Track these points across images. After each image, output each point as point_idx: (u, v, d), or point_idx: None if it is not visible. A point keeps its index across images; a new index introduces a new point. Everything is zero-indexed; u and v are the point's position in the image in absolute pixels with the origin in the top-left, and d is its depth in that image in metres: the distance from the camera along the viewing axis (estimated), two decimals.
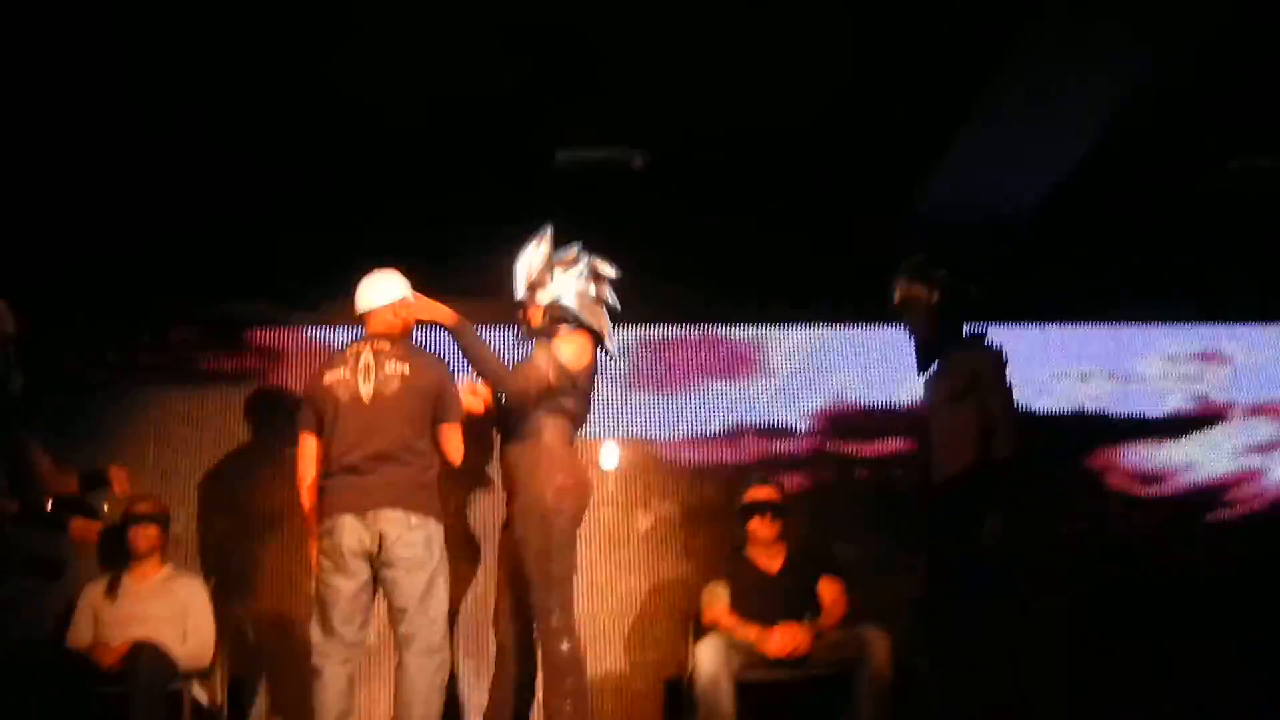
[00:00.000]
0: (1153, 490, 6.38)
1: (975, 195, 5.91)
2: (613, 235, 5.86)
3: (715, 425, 6.24)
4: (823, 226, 6.23)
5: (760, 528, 5.47)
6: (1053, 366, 6.43)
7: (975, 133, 5.47)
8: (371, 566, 4.45)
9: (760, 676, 5.06)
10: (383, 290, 4.79)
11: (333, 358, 4.76)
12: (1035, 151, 5.64)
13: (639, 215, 6.00)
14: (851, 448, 6.27)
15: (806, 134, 5.73)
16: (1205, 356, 6.57)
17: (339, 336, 5.81)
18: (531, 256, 4.96)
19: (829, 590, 5.36)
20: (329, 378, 4.62)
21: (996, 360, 4.96)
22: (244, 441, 6.03)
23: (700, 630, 5.33)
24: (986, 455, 4.79)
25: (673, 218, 6.10)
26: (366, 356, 4.62)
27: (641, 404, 6.22)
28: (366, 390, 4.55)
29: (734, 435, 6.22)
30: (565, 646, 4.61)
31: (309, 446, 4.63)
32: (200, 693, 5.19)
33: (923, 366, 5.17)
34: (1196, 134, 5.83)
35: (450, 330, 4.73)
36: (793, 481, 6.02)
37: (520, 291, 4.95)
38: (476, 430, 4.98)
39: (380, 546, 4.41)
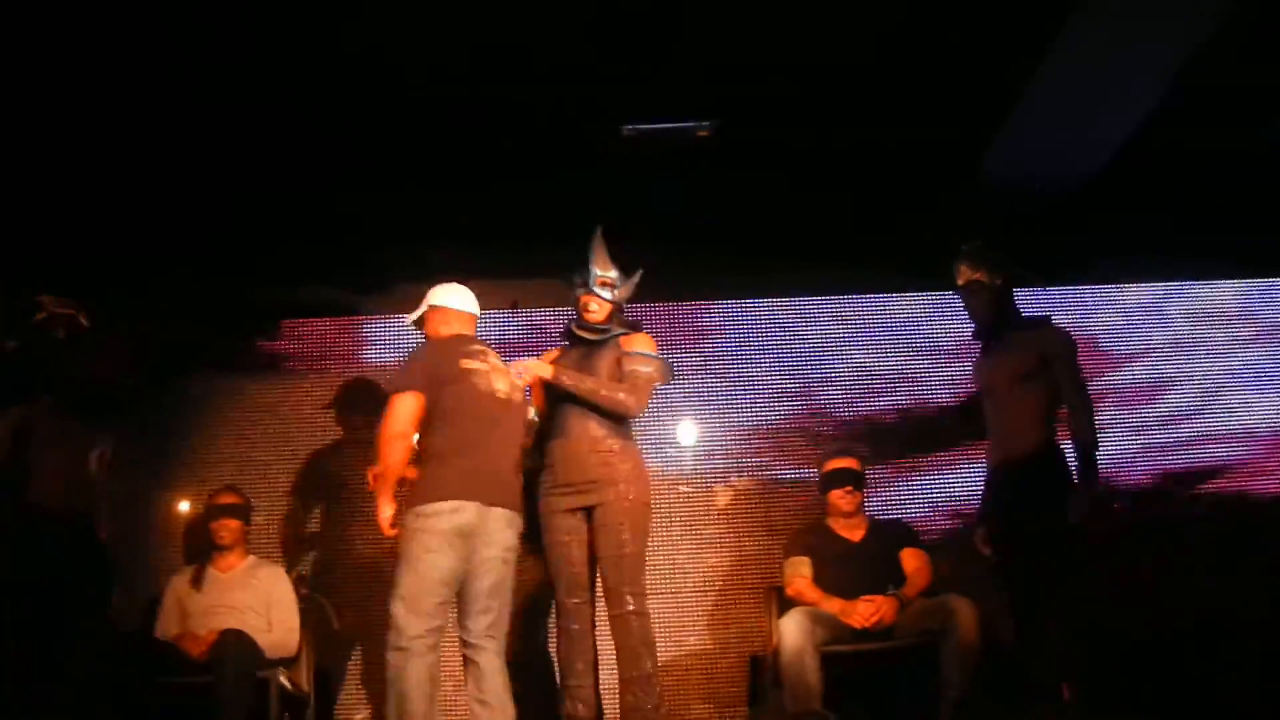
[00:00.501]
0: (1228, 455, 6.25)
1: (1041, 156, 5.81)
2: (679, 208, 5.86)
3: (793, 397, 6.17)
4: (890, 195, 6.14)
5: (841, 499, 5.40)
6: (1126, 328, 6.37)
7: (1041, 91, 5.37)
8: (465, 556, 4.46)
9: (845, 648, 4.99)
10: (476, 302, 4.94)
11: (464, 346, 4.73)
12: (1099, 111, 5.55)
13: (704, 186, 5.96)
14: (932, 416, 6.18)
15: (871, 97, 5.64)
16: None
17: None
18: (603, 251, 5.10)
19: (912, 560, 5.29)
20: (466, 364, 4.62)
21: (1070, 343, 4.94)
22: (324, 431, 6.07)
23: (784, 604, 5.27)
24: (1053, 436, 4.82)
25: (739, 188, 6.03)
26: (496, 359, 4.73)
27: (716, 377, 6.16)
28: (503, 389, 4.65)
29: (812, 407, 6.15)
30: (640, 627, 4.76)
31: (412, 405, 4.52)
32: (287, 681, 5.21)
33: (986, 349, 5.11)
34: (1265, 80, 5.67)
35: (554, 380, 4.93)
36: (873, 451, 5.95)
37: (592, 283, 5.07)
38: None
39: (483, 540, 4.45)
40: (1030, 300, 5.30)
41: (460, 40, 5.05)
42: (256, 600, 5.29)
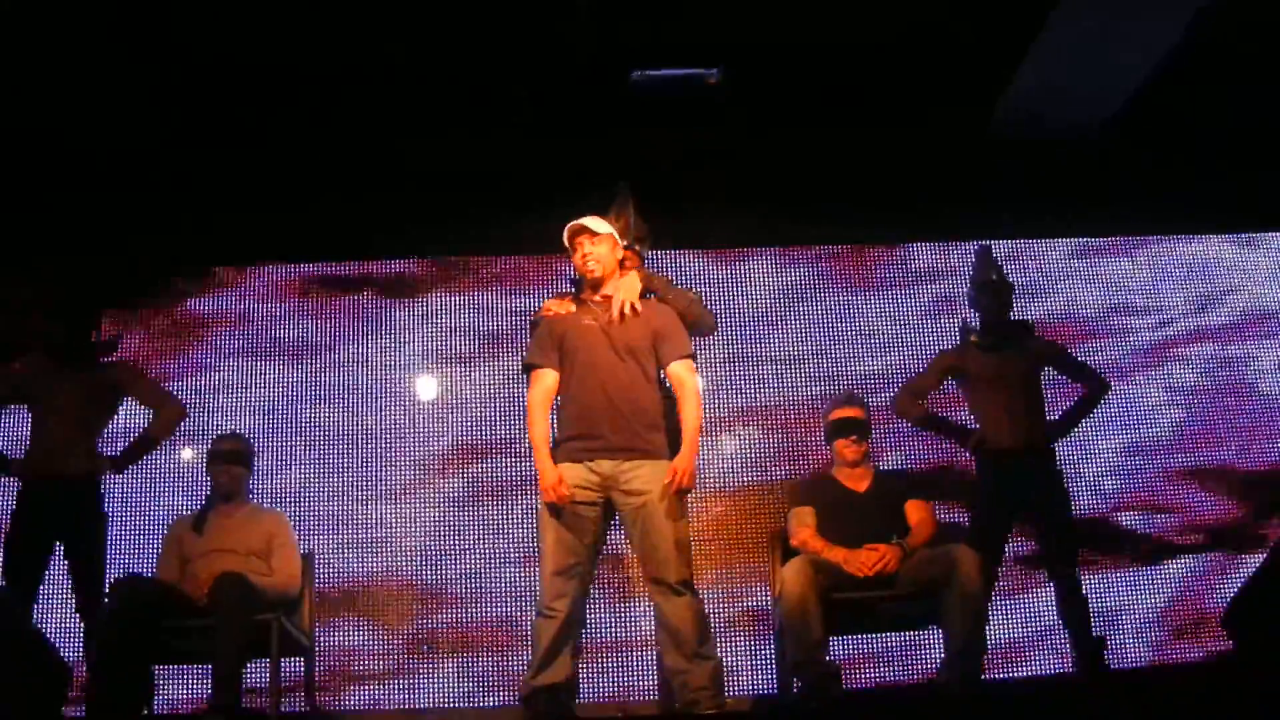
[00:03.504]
0: None
1: (1055, 104, 5.84)
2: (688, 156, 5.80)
3: (799, 346, 6.14)
4: (902, 141, 6.09)
5: (846, 448, 5.34)
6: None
7: (1056, 38, 5.36)
8: None
9: (848, 596, 4.94)
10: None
11: None
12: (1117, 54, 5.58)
13: (715, 133, 5.93)
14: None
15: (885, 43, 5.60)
16: None
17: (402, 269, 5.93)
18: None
19: (917, 511, 5.22)
20: None
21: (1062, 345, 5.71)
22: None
23: (787, 553, 5.22)
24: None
25: (749, 135, 5.99)
26: None
27: (723, 324, 6.10)
28: None
29: (818, 356, 6.13)
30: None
31: None
32: (289, 625, 5.19)
33: (994, 344, 5.54)
34: None
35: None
36: (880, 401, 5.90)
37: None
38: None
39: None
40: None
41: None
42: (257, 543, 5.26)
